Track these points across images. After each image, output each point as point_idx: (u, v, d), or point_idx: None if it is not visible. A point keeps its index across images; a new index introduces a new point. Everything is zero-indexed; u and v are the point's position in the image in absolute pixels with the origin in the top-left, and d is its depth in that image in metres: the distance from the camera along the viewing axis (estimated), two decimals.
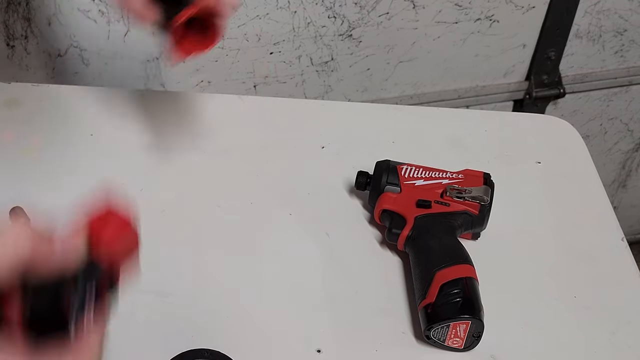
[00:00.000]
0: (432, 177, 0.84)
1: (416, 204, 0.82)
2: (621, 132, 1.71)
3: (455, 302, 0.72)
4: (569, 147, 1.01)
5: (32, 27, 1.13)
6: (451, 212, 0.81)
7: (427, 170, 0.85)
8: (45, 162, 0.91)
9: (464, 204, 0.82)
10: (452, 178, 0.84)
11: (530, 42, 1.46)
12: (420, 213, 0.81)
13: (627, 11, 1.47)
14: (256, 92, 1.33)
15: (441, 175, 0.84)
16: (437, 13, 1.33)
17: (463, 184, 0.83)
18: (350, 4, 1.26)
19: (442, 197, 0.82)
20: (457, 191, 0.82)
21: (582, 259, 0.85)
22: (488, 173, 0.85)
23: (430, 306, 0.73)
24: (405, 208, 0.82)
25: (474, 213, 0.82)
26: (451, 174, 0.84)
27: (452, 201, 0.82)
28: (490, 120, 1.04)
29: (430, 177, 0.84)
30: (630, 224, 1.94)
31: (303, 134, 0.96)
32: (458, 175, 0.84)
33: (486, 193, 0.82)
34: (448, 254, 0.77)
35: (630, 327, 0.79)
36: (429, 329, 0.73)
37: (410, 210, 0.81)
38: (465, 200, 0.82)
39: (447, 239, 0.79)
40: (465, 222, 0.82)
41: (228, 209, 0.86)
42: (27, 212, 0.82)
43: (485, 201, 0.82)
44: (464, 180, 0.84)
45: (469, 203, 0.82)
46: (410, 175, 0.84)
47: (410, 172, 0.84)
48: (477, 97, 1.51)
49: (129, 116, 0.96)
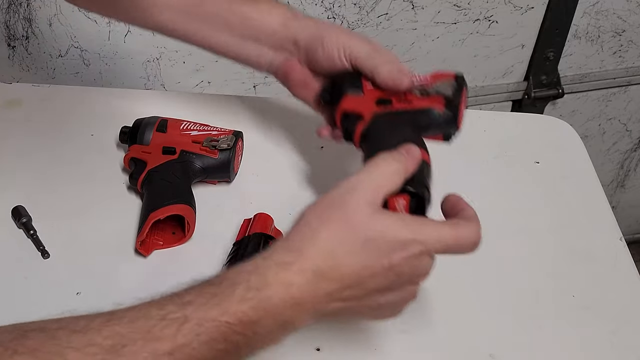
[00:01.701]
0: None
1: (376, 102, 0.77)
2: (620, 132, 1.71)
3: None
4: (567, 147, 1.01)
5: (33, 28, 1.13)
6: (414, 110, 0.75)
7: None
8: (45, 162, 0.91)
9: (428, 100, 0.75)
10: (419, 80, 0.78)
11: (529, 43, 1.46)
12: (379, 110, 0.76)
13: (626, 12, 1.47)
14: (256, 92, 1.33)
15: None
16: (436, 14, 1.34)
17: (429, 82, 0.77)
18: (350, 5, 1.27)
19: (405, 95, 0.76)
20: (421, 88, 0.76)
21: (580, 258, 0.86)
22: (461, 74, 0.78)
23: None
24: (364, 107, 0.77)
25: (440, 109, 0.75)
26: (419, 76, 0.78)
27: (415, 98, 0.76)
28: (489, 121, 1.05)
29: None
30: (629, 224, 1.94)
31: (303, 134, 0.97)
32: (426, 77, 0.78)
33: (452, 87, 0.76)
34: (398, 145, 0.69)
35: (629, 326, 0.79)
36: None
37: (369, 108, 0.77)
38: (429, 95, 0.75)
39: (407, 133, 0.73)
40: (432, 121, 0.75)
41: (228, 208, 0.86)
42: (28, 212, 0.83)
43: (449, 93, 0.75)
44: (431, 78, 0.78)
45: (434, 98, 0.75)
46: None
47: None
48: (476, 97, 1.51)
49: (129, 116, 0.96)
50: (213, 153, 0.86)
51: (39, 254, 0.79)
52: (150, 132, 0.87)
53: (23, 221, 0.81)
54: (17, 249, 0.80)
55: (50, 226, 0.82)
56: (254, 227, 0.79)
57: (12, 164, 0.90)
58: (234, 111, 1.00)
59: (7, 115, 0.96)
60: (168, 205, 0.79)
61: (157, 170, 0.84)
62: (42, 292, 0.76)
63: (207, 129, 0.89)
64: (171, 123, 0.89)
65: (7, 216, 0.83)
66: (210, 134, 0.88)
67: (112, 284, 0.77)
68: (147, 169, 0.84)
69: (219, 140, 0.87)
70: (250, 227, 0.79)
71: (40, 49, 1.15)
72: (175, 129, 0.88)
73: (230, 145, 0.86)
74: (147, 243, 0.80)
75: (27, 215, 0.82)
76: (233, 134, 0.89)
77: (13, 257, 0.79)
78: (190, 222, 0.81)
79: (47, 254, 0.79)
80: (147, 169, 0.84)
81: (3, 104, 0.97)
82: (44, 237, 0.80)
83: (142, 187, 0.84)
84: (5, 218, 0.83)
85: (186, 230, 0.81)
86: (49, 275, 0.77)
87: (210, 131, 0.88)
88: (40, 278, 0.77)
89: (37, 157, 0.91)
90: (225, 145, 0.86)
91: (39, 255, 0.79)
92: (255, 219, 0.80)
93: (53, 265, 0.79)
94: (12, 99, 0.95)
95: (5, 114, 0.96)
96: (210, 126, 0.89)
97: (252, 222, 0.80)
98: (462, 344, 0.76)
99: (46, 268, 0.78)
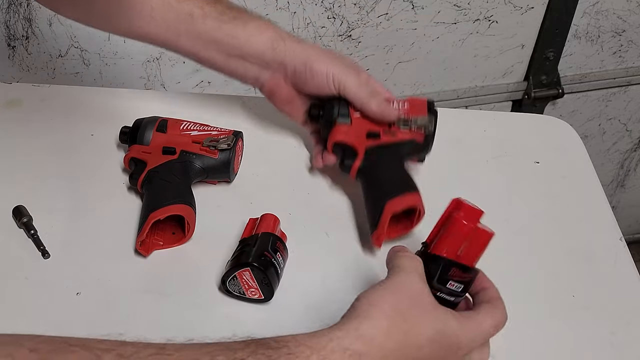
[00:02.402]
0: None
1: (366, 135, 0.86)
2: (619, 132, 1.71)
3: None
4: (567, 147, 1.01)
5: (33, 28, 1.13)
6: (398, 142, 0.86)
7: None
8: (45, 161, 0.91)
9: (410, 133, 0.86)
10: (398, 108, 0.87)
11: (529, 43, 1.46)
12: (370, 144, 0.85)
13: (626, 12, 1.48)
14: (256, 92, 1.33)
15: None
16: (436, 14, 1.34)
17: (409, 113, 0.87)
18: (350, 5, 1.27)
19: (390, 127, 0.86)
20: (403, 121, 0.86)
21: (580, 258, 0.86)
22: (431, 100, 0.88)
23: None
24: (356, 139, 0.86)
25: (420, 141, 0.86)
26: (397, 103, 0.87)
27: (399, 131, 0.86)
28: (489, 121, 1.05)
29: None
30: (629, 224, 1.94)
31: (302, 134, 0.97)
32: (404, 105, 0.88)
33: (430, 122, 0.86)
34: (398, 183, 0.82)
35: (629, 326, 0.79)
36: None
37: (360, 141, 0.85)
38: (411, 129, 0.86)
39: (397, 168, 0.84)
40: (412, 150, 0.87)
41: (228, 208, 0.86)
42: (29, 211, 0.83)
43: (430, 131, 0.86)
44: (409, 109, 0.87)
45: (415, 132, 0.86)
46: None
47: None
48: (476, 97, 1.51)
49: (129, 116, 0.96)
50: (213, 153, 0.86)
51: (40, 254, 0.79)
52: (150, 132, 0.87)
53: (24, 221, 0.81)
54: (17, 248, 0.80)
55: (51, 226, 0.82)
56: (261, 226, 0.79)
57: (13, 163, 0.90)
58: (234, 111, 1.00)
59: (7, 115, 0.96)
60: (168, 206, 0.79)
61: (157, 170, 0.84)
62: (42, 292, 0.76)
63: (207, 129, 0.89)
64: (171, 123, 0.89)
65: (8, 216, 0.83)
66: (210, 134, 0.88)
67: (112, 284, 0.77)
68: (147, 169, 0.84)
69: (219, 141, 0.87)
70: (257, 226, 0.79)
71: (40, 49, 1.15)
72: (175, 129, 0.88)
73: (230, 145, 0.87)
74: (147, 243, 0.80)
75: (28, 215, 0.82)
76: (233, 134, 0.89)
77: (13, 257, 0.79)
78: (190, 222, 0.81)
79: (48, 254, 0.79)
80: (147, 169, 0.84)
81: (3, 104, 0.97)
82: (44, 237, 0.80)
83: (142, 187, 0.84)
84: (6, 218, 0.83)
85: (186, 231, 0.81)
86: (49, 275, 0.78)
87: (210, 131, 0.89)
88: (40, 278, 0.77)
89: (37, 157, 0.91)
90: (225, 145, 0.86)
91: (39, 255, 0.79)
92: (262, 219, 0.80)
93: (53, 265, 0.79)
94: (12, 99, 0.95)
95: (5, 114, 0.96)
96: (210, 126, 0.89)
97: (258, 222, 0.80)
98: None
99: (46, 268, 0.78)
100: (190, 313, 0.76)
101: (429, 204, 0.88)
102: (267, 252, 0.75)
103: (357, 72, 0.87)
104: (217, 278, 0.78)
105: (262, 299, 0.76)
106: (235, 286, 0.75)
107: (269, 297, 0.76)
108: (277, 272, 0.76)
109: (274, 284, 0.75)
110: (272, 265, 0.75)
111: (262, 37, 0.85)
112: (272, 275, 0.75)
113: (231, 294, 0.76)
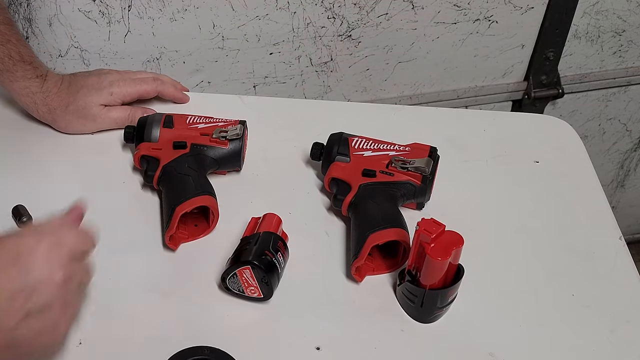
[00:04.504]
0: (380, 149, 0.88)
1: (362, 172, 0.85)
2: (619, 132, 1.71)
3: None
4: (567, 147, 1.02)
5: (33, 28, 1.13)
6: (394, 182, 0.85)
7: (377, 143, 0.88)
8: (45, 161, 0.91)
9: (407, 175, 0.85)
10: (399, 150, 0.87)
11: (529, 43, 1.46)
12: (365, 181, 0.85)
13: (626, 12, 1.47)
14: (256, 92, 1.33)
15: (389, 147, 0.88)
16: (436, 14, 1.33)
17: (408, 156, 0.86)
18: (350, 5, 1.27)
19: (387, 167, 0.86)
20: (401, 162, 0.86)
21: (580, 258, 0.86)
22: (434, 147, 0.88)
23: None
24: (351, 176, 0.86)
25: (417, 183, 0.85)
26: (399, 147, 0.88)
27: (396, 171, 0.86)
28: (489, 121, 1.05)
29: (378, 149, 0.88)
30: (629, 224, 1.94)
31: (302, 134, 0.97)
32: (405, 148, 0.88)
33: (428, 165, 0.85)
34: (384, 218, 0.81)
35: (628, 325, 0.79)
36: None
37: (356, 178, 0.85)
38: (409, 170, 0.85)
39: (387, 206, 0.83)
40: (408, 192, 0.86)
41: (227, 207, 0.86)
42: (28, 211, 0.83)
43: (426, 172, 0.85)
44: (410, 153, 0.87)
45: (412, 174, 0.85)
46: (360, 147, 0.88)
47: (361, 143, 0.88)
48: (476, 97, 1.51)
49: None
50: (223, 144, 0.87)
51: None
52: (157, 129, 0.88)
53: (23, 220, 0.81)
54: None
55: None
56: (263, 225, 0.79)
57: (13, 163, 0.90)
58: (233, 111, 1.00)
59: (7, 115, 0.96)
60: (193, 198, 0.80)
61: (172, 165, 0.84)
62: None
63: (212, 121, 0.89)
64: (176, 118, 0.89)
65: (8, 216, 0.83)
66: (217, 126, 0.88)
67: (112, 283, 0.77)
68: (162, 165, 0.85)
69: (227, 131, 0.87)
70: (259, 225, 0.79)
71: (40, 49, 1.14)
72: (181, 124, 0.88)
73: (240, 134, 0.87)
74: (175, 237, 0.81)
75: (28, 215, 0.82)
76: (239, 123, 0.89)
77: None
78: (214, 212, 0.82)
79: None
80: (162, 165, 0.85)
81: (2, 104, 0.97)
82: None
83: (159, 183, 0.84)
84: (6, 217, 0.83)
85: (210, 221, 0.82)
86: None
87: (217, 123, 0.89)
88: None
89: (37, 157, 0.91)
90: (235, 135, 0.87)
91: None
92: (265, 218, 0.80)
93: None
94: (12, 99, 0.95)
95: (5, 114, 0.96)
96: (215, 118, 0.90)
97: (260, 221, 0.80)
98: (461, 343, 0.76)
99: None
100: (189, 310, 0.76)
101: (429, 204, 0.89)
102: (268, 251, 0.75)
103: (97, 86, 0.92)
104: (216, 276, 0.78)
105: (262, 298, 0.76)
106: (235, 284, 0.76)
107: (268, 297, 0.76)
108: (278, 271, 0.76)
109: (273, 283, 0.75)
110: (272, 264, 0.75)
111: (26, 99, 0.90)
112: (272, 274, 0.75)
113: (230, 291, 0.76)
